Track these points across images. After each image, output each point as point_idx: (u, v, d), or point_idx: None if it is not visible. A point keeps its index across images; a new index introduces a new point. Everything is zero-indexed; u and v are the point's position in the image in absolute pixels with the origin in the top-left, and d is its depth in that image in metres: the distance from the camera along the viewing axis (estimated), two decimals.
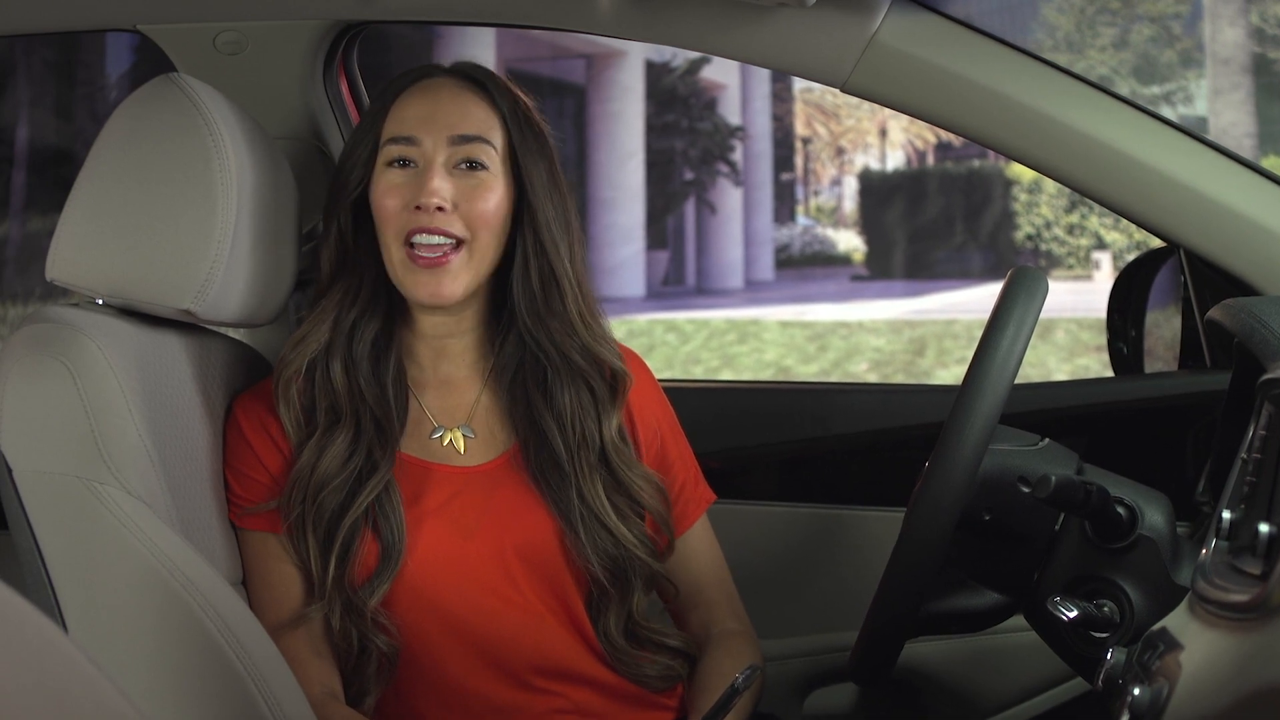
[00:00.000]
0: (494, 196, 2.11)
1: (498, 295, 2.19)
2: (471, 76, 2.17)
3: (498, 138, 2.13)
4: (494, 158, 2.12)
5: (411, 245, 2.09)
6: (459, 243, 2.09)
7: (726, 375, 13.82)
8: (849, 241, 20.55)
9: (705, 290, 18.75)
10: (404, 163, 2.11)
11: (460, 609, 2.09)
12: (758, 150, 19.49)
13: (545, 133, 2.18)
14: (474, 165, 2.11)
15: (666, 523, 2.19)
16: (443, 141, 2.10)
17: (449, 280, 2.09)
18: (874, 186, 20.03)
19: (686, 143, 18.53)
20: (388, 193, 2.10)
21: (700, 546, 2.27)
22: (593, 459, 2.14)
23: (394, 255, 2.11)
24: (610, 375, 2.18)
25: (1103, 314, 2.67)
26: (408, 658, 2.10)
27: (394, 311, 2.17)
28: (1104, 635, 1.91)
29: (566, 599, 2.14)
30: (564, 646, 2.12)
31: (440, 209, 2.08)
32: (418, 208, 2.08)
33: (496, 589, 2.10)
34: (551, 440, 2.14)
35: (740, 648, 2.22)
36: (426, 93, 2.14)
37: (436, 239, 2.08)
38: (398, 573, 2.07)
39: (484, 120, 2.13)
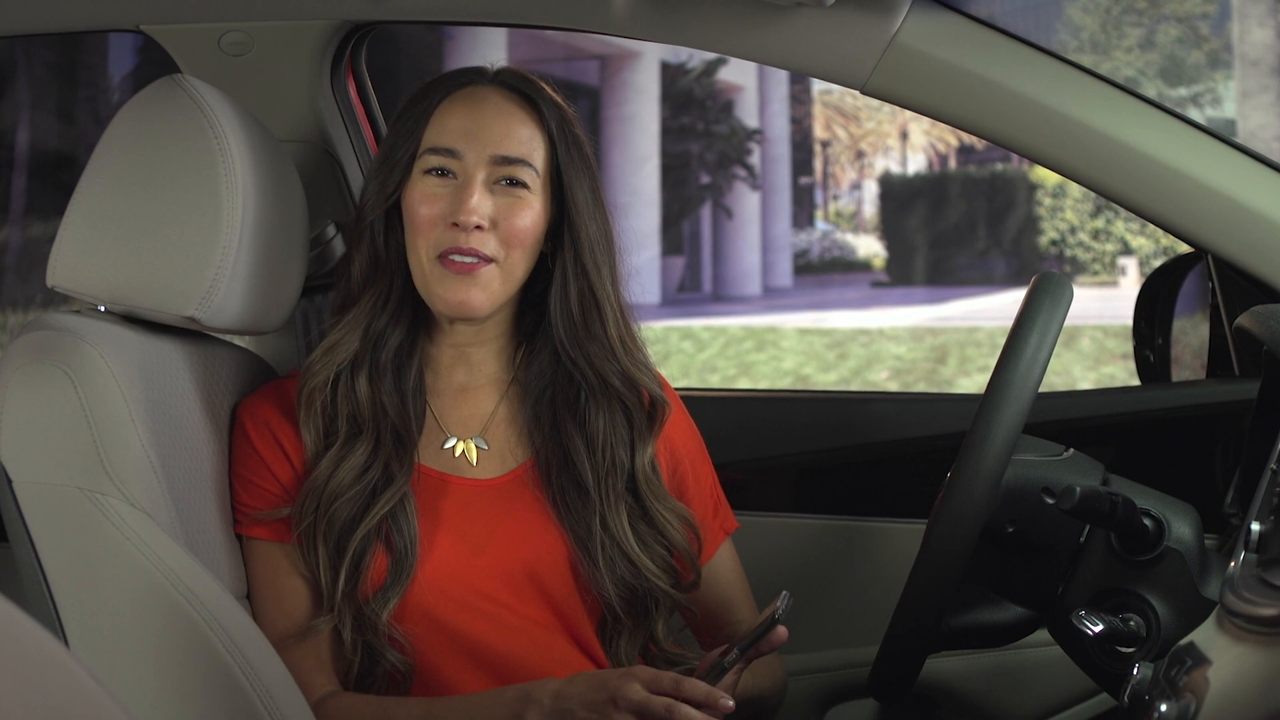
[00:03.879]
0: (531, 214, 2.08)
1: (524, 307, 2.17)
2: (518, 89, 2.13)
3: (540, 158, 2.10)
4: (534, 178, 2.09)
5: (443, 260, 2.06)
6: (490, 260, 2.07)
7: (744, 384, 13.84)
8: (869, 247, 20.54)
9: (722, 297, 18.76)
10: (442, 172, 2.08)
11: (466, 625, 2.06)
12: (776, 154, 19.49)
13: (588, 147, 2.15)
14: (514, 183, 2.08)
15: (694, 560, 2.16)
16: (484, 159, 2.07)
17: (479, 290, 2.06)
18: (894, 191, 20.01)
19: (703, 146, 18.54)
20: (424, 200, 2.07)
21: (724, 569, 2.25)
22: (619, 486, 2.11)
23: (425, 266, 2.07)
24: (649, 403, 2.14)
25: (1128, 321, 2.66)
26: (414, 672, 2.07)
27: (419, 316, 2.14)
28: (1130, 650, 1.89)
29: (575, 620, 2.11)
30: (573, 666, 2.08)
31: (479, 227, 2.05)
32: (455, 224, 2.05)
33: (505, 605, 2.08)
34: (578, 463, 2.11)
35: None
36: (471, 103, 2.11)
37: (469, 258, 2.06)
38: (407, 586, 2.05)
39: (528, 140, 2.10)
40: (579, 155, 2.13)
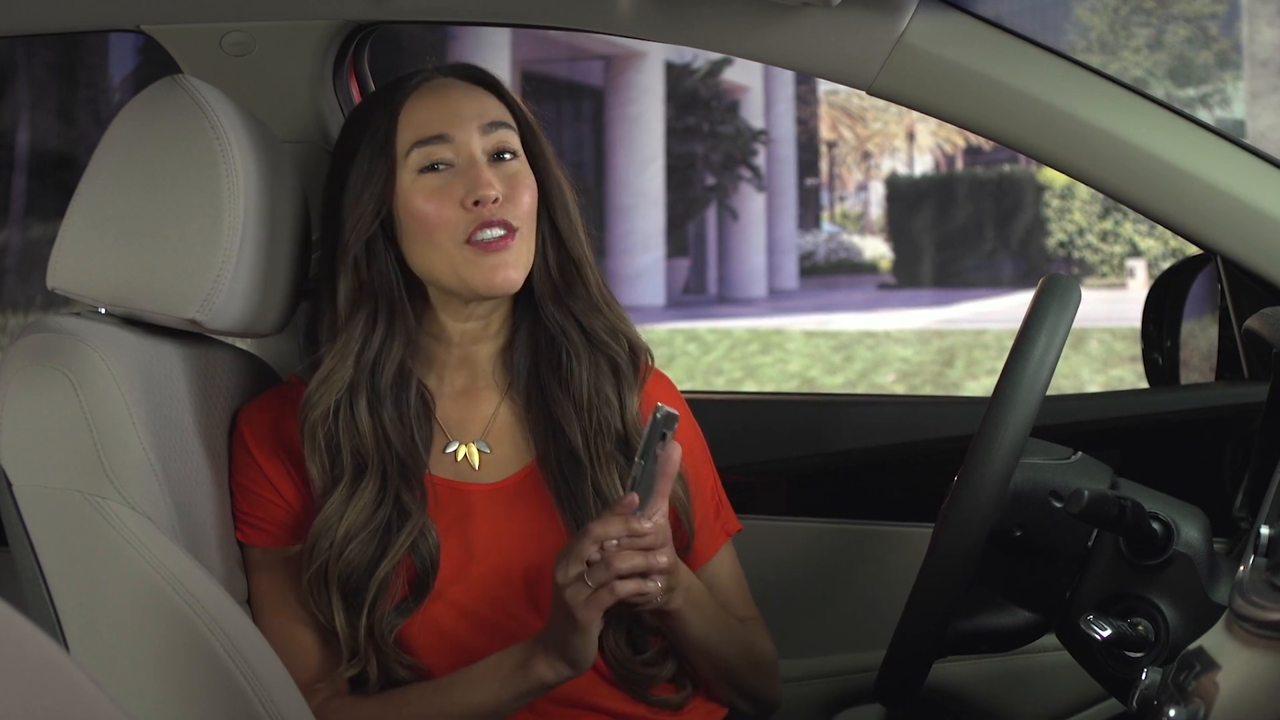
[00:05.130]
0: (530, 185, 2.08)
1: (516, 296, 2.15)
2: (469, 75, 2.14)
3: (514, 125, 2.11)
4: (518, 144, 2.10)
5: (472, 242, 2.04)
6: (513, 229, 2.05)
7: (749, 387, 13.82)
8: (875, 249, 20.56)
9: (727, 299, 18.78)
10: (436, 166, 2.06)
11: (471, 633, 2.05)
12: (781, 155, 19.51)
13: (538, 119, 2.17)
14: (502, 155, 2.08)
15: (688, 514, 2.14)
16: (475, 132, 2.07)
17: (513, 263, 2.05)
18: (901, 192, 20.03)
19: (708, 147, 18.55)
20: (431, 199, 2.05)
21: (723, 572, 2.23)
22: (609, 446, 2.10)
23: (455, 257, 2.05)
24: (630, 351, 2.14)
25: (1137, 323, 2.66)
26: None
27: (412, 327, 2.12)
28: (1138, 655, 1.88)
29: None
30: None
31: (496, 200, 2.03)
32: (476, 203, 2.03)
33: (508, 611, 2.06)
34: (569, 431, 2.10)
35: (755, 629, 2.22)
36: (435, 92, 2.10)
37: (498, 230, 2.04)
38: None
39: (501, 110, 2.11)
40: (535, 125, 2.14)
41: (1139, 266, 17.45)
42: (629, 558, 1.89)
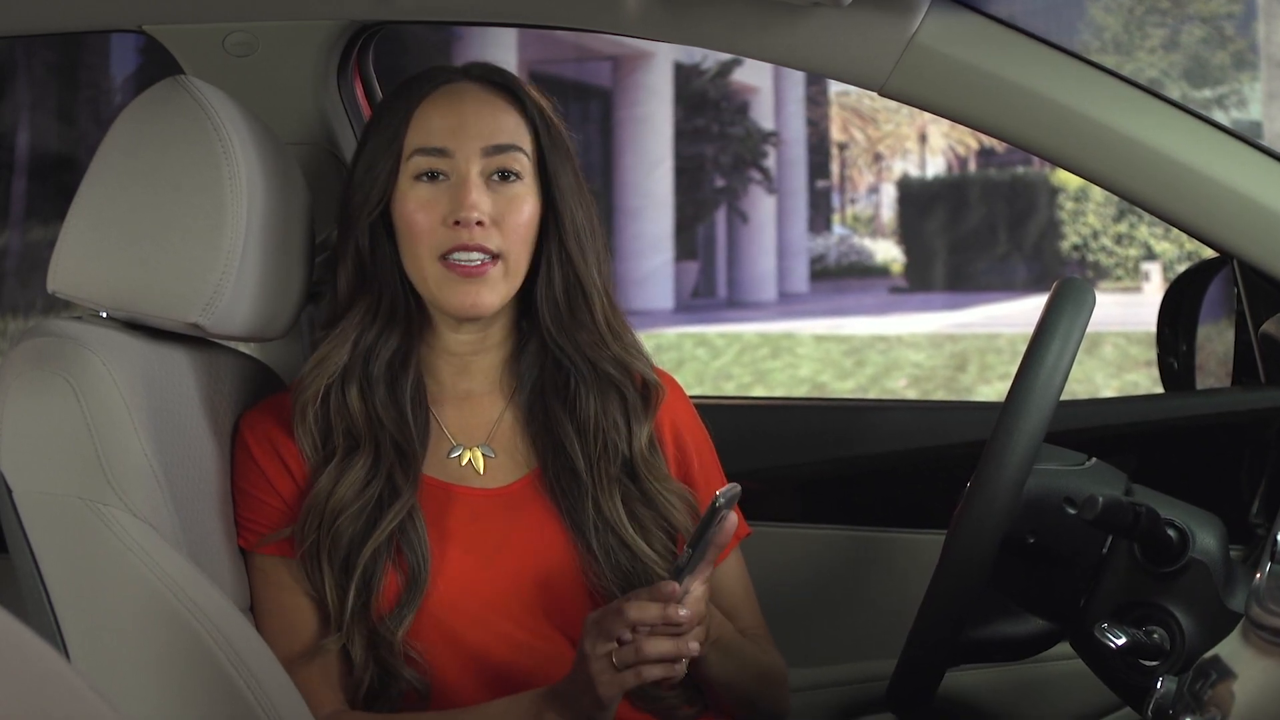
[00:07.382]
0: (528, 208, 2.06)
1: (524, 308, 2.14)
2: (494, 81, 2.12)
3: (528, 144, 2.09)
4: (526, 165, 2.07)
5: (447, 261, 2.03)
6: (495, 257, 2.04)
7: (759, 392, 13.82)
8: (887, 252, 20.54)
9: (737, 302, 18.75)
10: (433, 175, 2.05)
11: (478, 639, 2.04)
12: (792, 156, 19.48)
13: (567, 135, 2.14)
14: (507, 175, 2.06)
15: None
16: (476, 153, 2.05)
17: (487, 291, 2.04)
18: (913, 194, 19.98)
19: (717, 148, 18.53)
20: (420, 208, 2.05)
21: (729, 577, 2.21)
22: (614, 471, 2.09)
23: (428, 271, 2.05)
24: (642, 385, 2.13)
25: (1152, 327, 2.65)
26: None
27: (413, 326, 2.11)
28: (1154, 663, 1.87)
29: None
30: None
31: (480, 223, 2.02)
32: (456, 223, 2.02)
33: (515, 618, 2.05)
34: (570, 450, 2.08)
35: (764, 645, 2.20)
36: (451, 100, 2.08)
37: (475, 256, 2.03)
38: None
39: (515, 128, 2.08)
40: (560, 141, 2.11)
41: (1154, 270, 17.43)
42: (659, 644, 1.87)
